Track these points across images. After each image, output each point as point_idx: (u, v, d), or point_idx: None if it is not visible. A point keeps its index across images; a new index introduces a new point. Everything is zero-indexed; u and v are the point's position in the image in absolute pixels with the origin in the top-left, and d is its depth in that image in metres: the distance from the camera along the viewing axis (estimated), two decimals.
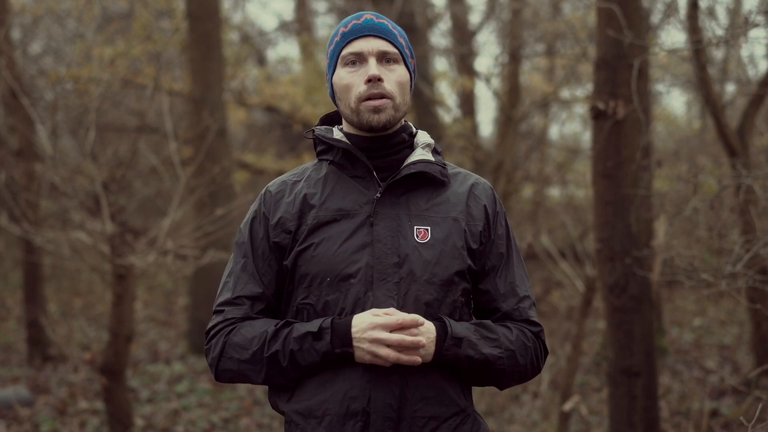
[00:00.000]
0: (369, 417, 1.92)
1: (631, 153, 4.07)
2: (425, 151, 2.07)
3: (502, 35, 11.00)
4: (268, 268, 2.04)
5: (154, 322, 10.29)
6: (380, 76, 1.98)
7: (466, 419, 2.01)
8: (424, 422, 1.94)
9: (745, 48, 12.06)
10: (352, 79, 2.01)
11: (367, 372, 1.92)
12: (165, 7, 9.40)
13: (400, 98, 2.02)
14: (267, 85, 11.45)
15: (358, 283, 1.95)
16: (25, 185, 7.18)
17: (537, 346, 2.06)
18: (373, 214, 1.99)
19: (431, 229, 2.00)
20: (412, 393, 1.94)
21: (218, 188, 7.59)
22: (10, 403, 6.18)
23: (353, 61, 2.02)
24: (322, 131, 2.10)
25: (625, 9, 4.02)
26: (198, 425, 5.92)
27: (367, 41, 2.02)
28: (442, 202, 2.04)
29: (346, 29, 2.04)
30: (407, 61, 2.07)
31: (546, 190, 11.81)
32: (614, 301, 4.13)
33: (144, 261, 5.10)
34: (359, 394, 1.92)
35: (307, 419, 1.96)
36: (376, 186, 2.02)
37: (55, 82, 7.38)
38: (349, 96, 2.02)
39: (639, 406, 4.12)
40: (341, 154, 2.06)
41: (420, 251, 1.97)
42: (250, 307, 2.03)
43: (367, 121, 2.00)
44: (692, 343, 8.06)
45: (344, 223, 1.99)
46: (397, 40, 2.05)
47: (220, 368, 2.00)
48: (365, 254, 1.96)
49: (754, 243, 3.76)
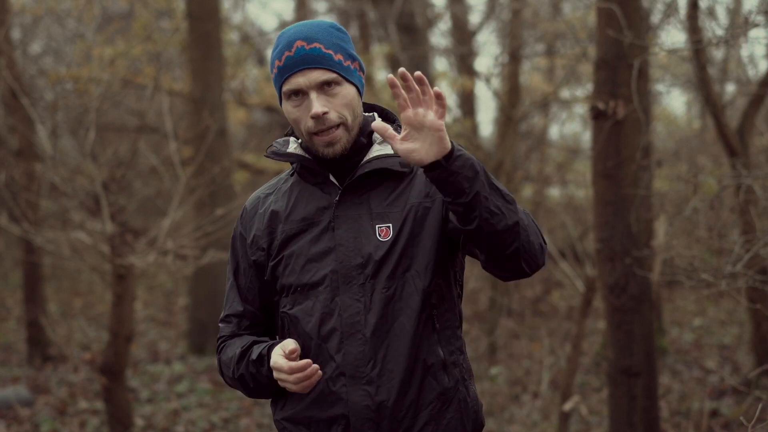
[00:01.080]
0: (349, 420, 1.96)
1: (631, 153, 4.07)
2: (383, 146, 2.03)
3: (502, 35, 11.00)
4: (251, 285, 2.12)
5: (154, 322, 10.29)
6: (323, 110, 1.95)
7: (450, 401, 2.00)
8: (403, 413, 1.96)
9: (745, 48, 12.06)
10: (298, 114, 1.99)
11: (342, 375, 1.96)
12: (165, 7, 9.40)
13: (350, 118, 1.99)
14: (267, 85, 11.44)
15: (325, 290, 1.98)
16: (25, 185, 7.18)
17: (536, 229, 1.93)
18: (334, 218, 2.00)
19: (393, 225, 1.99)
20: (387, 389, 1.95)
21: (218, 188, 7.58)
22: (10, 403, 6.18)
23: (295, 94, 1.99)
24: (279, 145, 2.10)
25: (625, 9, 4.02)
26: (198, 425, 5.92)
27: (303, 75, 1.96)
28: (403, 192, 2.01)
29: (281, 63, 1.99)
30: (349, 73, 2.00)
31: (546, 190, 11.81)
32: (614, 301, 4.13)
33: (144, 261, 5.10)
34: (337, 398, 1.97)
35: (296, 426, 2.03)
36: (336, 190, 2.02)
37: (55, 82, 7.38)
38: (299, 128, 2.01)
39: (639, 406, 4.12)
40: (300, 165, 2.07)
41: (382, 249, 1.97)
42: (236, 324, 2.14)
43: (323, 154, 2.00)
44: (692, 343, 8.06)
45: (310, 232, 2.02)
46: (333, 61, 1.97)
47: (224, 380, 2.17)
48: (330, 260, 1.99)
49: (754, 243, 3.76)
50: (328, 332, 1.98)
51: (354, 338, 1.96)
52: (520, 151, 10.48)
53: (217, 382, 7.16)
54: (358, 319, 1.96)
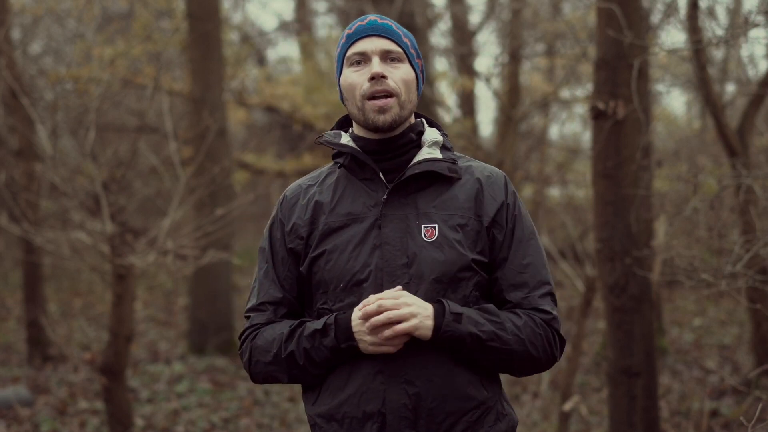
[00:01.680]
0: (385, 418, 1.95)
1: (631, 153, 4.07)
2: (432, 149, 2.08)
3: (502, 35, 11.00)
4: (289, 273, 2.10)
5: (154, 322, 10.29)
6: (383, 73, 2.01)
7: (488, 411, 2.01)
8: (441, 418, 1.96)
9: (745, 48, 12.06)
10: (356, 78, 2.04)
11: (380, 373, 1.95)
12: (165, 7, 9.40)
13: (405, 96, 2.04)
14: (267, 85, 11.45)
15: (369, 286, 1.98)
16: (25, 185, 7.18)
17: (549, 333, 2.02)
18: (381, 216, 2.01)
19: (439, 226, 2.01)
20: (427, 390, 1.95)
21: (218, 188, 7.59)
22: (10, 403, 6.18)
23: (358, 60, 2.05)
24: (330, 136, 2.12)
25: (625, 9, 4.02)
26: (198, 425, 5.92)
27: (370, 41, 2.04)
28: (450, 198, 2.04)
29: (351, 31, 2.07)
30: (413, 61, 2.08)
31: (546, 190, 11.81)
32: (614, 301, 4.13)
33: (144, 261, 5.10)
34: (374, 395, 1.96)
35: (329, 422, 2.01)
36: (383, 188, 2.04)
37: (55, 82, 7.38)
38: (354, 94, 2.04)
39: (639, 406, 4.12)
40: (350, 158, 2.08)
41: (428, 250, 1.98)
42: (273, 312, 2.10)
43: (373, 121, 2.02)
44: (692, 343, 8.06)
45: (354, 228, 2.02)
46: (401, 39, 2.07)
47: (252, 371, 2.09)
48: (375, 257, 1.99)
49: (754, 243, 3.76)
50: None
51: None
52: (520, 151, 10.48)
53: (217, 382, 7.16)
54: None
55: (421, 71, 2.14)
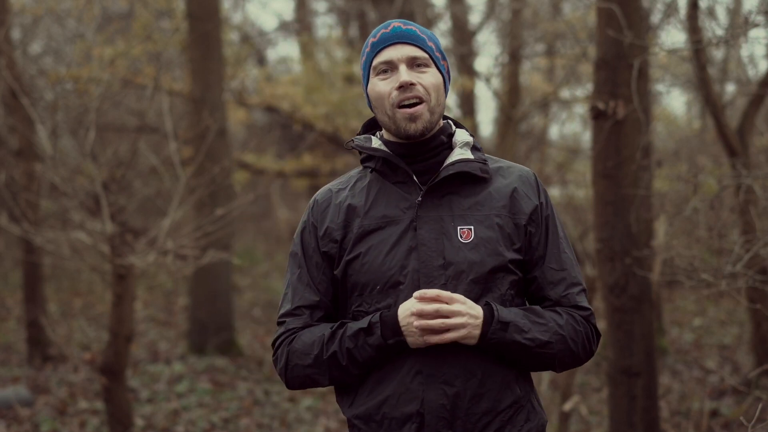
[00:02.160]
0: (424, 418, 1.97)
1: (631, 153, 4.07)
2: (464, 150, 2.09)
3: (502, 35, 11.00)
4: (323, 277, 2.10)
5: (154, 322, 10.28)
6: (411, 81, 2.02)
7: (521, 410, 2.03)
8: (477, 417, 1.98)
9: (745, 48, 12.05)
10: (384, 87, 2.05)
11: (419, 374, 1.97)
12: (165, 7, 9.39)
13: (434, 100, 2.05)
14: (267, 85, 11.44)
15: (406, 288, 1.99)
16: (25, 185, 7.18)
17: (588, 329, 2.07)
18: (416, 218, 2.02)
19: (474, 227, 2.02)
20: (464, 391, 1.97)
21: (218, 188, 7.58)
22: (10, 403, 6.18)
23: (385, 69, 2.06)
24: (361, 141, 2.14)
25: (625, 9, 4.02)
26: (198, 425, 5.92)
27: (396, 49, 2.05)
28: (484, 199, 2.06)
29: (375, 39, 2.08)
30: (439, 64, 2.09)
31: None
32: (614, 301, 4.13)
33: (144, 261, 5.10)
34: (413, 396, 1.97)
35: (368, 423, 2.02)
36: (417, 190, 2.05)
37: (55, 82, 7.38)
38: (383, 104, 2.05)
39: (639, 406, 4.12)
40: (381, 162, 2.09)
41: (464, 251, 2.00)
42: (309, 315, 2.10)
43: (405, 130, 2.03)
44: (692, 343, 8.06)
45: (389, 230, 2.03)
46: (426, 44, 2.07)
47: (289, 376, 2.09)
48: (411, 259, 2.00)
49: (754, 243, 3.76)
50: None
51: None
52: (520, 151, 10.48)
53: (217, 382, 7.17)
54: None
55: (447, 72, 2.14)
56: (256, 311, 11.06)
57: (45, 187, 7.15)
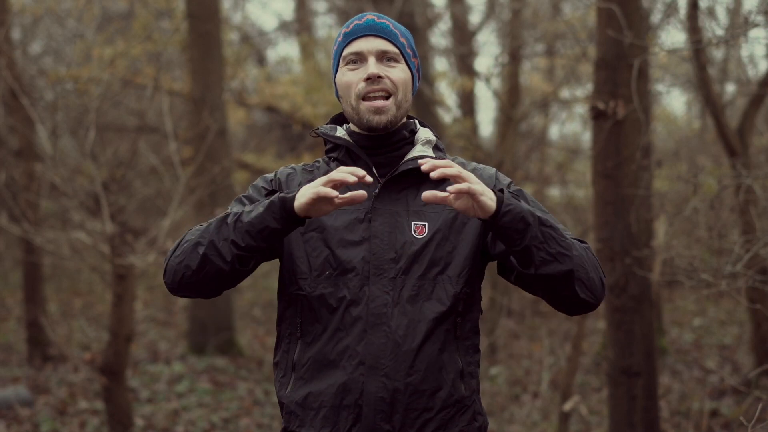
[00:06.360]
0: (362, 410, 1.95)
1: (631, 153, 4.07)
2: (425, 147, 2.10)
3: (502, 35, 11.00)
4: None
5: (154, 322, 10.29)
6: (379, 73, 2.02)
7: (465, 410, 2.01)
8: (417, 413, 1.96)
9: (745, 48, 12.04)
10: (352, 78, 2.05)
11: (361, 365, 1.95)
12: (165, 7, 9.39)
13: (401, 95, 2.05)
14: (267, 85, 11.44)
15: (355, 277, 1.98)
16: (25, 185, 7.18)
17: (594, 258, 1.97)
18: (371, 210, 2.02)
19: (428, 224, 2.01)
20: (405, 386, 1.95)
21: (218, 188, 7.58)
22: (10, 403, 6.18)
23: (354, 60, 2.06)
24: (326, 129, 2.14)
25: (625, 9, 4.02)
26: (198, 425, 5.92)
27: (367, 41, 2.06)
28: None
29: (348, 29, 2.08)
30: (409, 61, 2.09)
31: (546, 190, 11.81)
32: (614, 301, 4.14)
33: (144, 261, 5.10)
34: (353, 386, 1.96)
35: (305, 410, 2.00)
36: (375, 182, 2.04)
37: (55, 82, 7.38)
38: (349, 93, 2.06)
39: (639, 406, 4.12)
40: (344, 152, 2.09)
41: (417, 246, 1.99)
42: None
43: (368, 122, 2.04)
44: (692, 343, 8.06)
45: (344, 219, 2.02)
46: (398, 39, 2.07)
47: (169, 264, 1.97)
48: (363, 249, 1.99)
49: (754, 243, 3.77)
50: (352, 320, 1.97)
51: (378, 329, 1.96)
52: (520, 151, 10.48)
53: (217, 382, 7.17)
54: (384, 311, 1.96)
55: (417, 70, 2.14)
56: (256, 311, 11.06)
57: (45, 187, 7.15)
